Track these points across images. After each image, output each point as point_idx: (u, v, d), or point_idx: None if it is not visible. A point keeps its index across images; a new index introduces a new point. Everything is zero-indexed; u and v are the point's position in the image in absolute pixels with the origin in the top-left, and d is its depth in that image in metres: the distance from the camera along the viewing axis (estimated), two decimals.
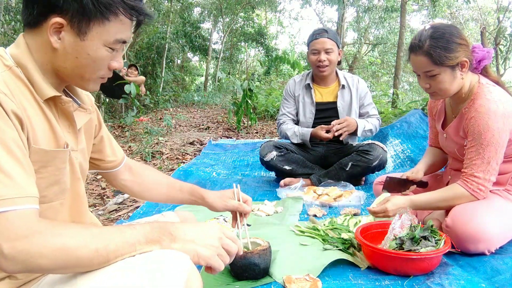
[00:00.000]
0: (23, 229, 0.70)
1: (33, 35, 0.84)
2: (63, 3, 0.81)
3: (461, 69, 1.56)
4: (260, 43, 17.25)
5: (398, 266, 1.37)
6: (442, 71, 1.55)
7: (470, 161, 1.58)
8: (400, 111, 4.99)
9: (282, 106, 2.96)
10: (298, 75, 3.02)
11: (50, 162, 0.85)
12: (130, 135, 5.11)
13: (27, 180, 0.74)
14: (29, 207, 0.72)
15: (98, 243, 0.74)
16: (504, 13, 9.33)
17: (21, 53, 0.83)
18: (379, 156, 2.62)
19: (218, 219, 1.92)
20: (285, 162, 2.73)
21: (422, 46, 1.55)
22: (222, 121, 7.05)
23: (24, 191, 0.72)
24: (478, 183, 1.56)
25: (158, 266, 0.73)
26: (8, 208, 0.69)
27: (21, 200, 0.71)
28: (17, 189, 0.71)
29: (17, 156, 0.74)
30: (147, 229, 0.80)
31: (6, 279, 0.81)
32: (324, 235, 1.68)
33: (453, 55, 1.53)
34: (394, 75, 7.67)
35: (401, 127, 3.57)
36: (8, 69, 0.80)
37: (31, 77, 0.83)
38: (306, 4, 15.62)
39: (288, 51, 17.30)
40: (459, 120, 1.68)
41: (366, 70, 14.02)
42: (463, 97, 1.66)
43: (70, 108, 0.91)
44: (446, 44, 1.52)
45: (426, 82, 1.61)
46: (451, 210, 1.59)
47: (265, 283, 1.36)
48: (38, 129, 0.82)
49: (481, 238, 1.48)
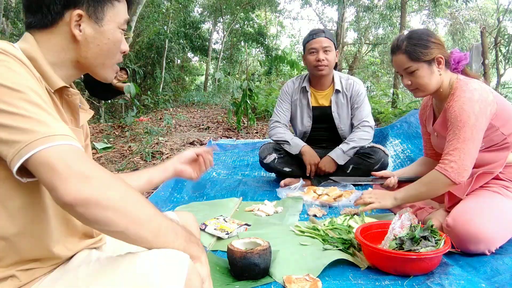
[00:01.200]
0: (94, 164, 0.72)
1: (46, 35, 0.87)
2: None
3: (437, 65, 1.69)
4: (260, 43, 17.26)
5: (398, 266, 1.37)
6: (419, 67, 1.68)
7: (447, 144, 1.63)
8: (400, 111, 4.99)
9: (277, 109, 2.89)
10: (296, 76, 2.97)
11: None
12: (130, 135, 5.11)
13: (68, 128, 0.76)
14: (80, 147, 0.73)
15: (156, 210, 0.78)
16: (504, 14, 9.34)
17: (30, 47, 0.85)
18: (380, 159, 2.61)
19: (218, 219, 1.92)
20: (285, 164, 2.72)
21: (400, 46, 1.71)
22: (222, 121, 7.05)
23: (71, 133, 0.73)
24: (451, 163, 1.57)
25: (159, 264, 0.74)
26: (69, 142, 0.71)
27: (71, 138, 0.72)
28: (67, 130, 0.73)
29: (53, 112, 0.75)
30: (187, 231, 0.84)
31: (8, 279, 0.81)
32: (324, 235, 1.68)
33: (427, 51, 1.67)
34: (394, 75, 7.67)
35: (401, 127, 3.56)
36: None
37: (42, 68, 0.84)
38: (306, 4, 15.63)
39: (287, 51, 17.31)
40: (444, 115, 1.74)
41: (366, 70, 14.04)
42: (444, 94, 1.74)
43: (76, 101, 0.92)
44: (421, 41, 1.68)
45: (407, 79, 1.74)
46: (452, 210, 1.59)
47: (265, 283, 1.36)
48: None
49: (482, 238, 1.48)
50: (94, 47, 0.89)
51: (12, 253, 0.80)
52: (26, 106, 0.70)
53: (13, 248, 0.79)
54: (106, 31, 0.89)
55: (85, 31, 0.87)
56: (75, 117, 0.94)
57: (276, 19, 21.16)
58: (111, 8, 0.90)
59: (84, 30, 0.87)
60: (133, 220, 0.73)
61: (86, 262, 0.82)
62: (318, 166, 2.65)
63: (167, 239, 0.77)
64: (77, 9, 0.85)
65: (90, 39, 0.88)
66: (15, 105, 0.70)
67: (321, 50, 2.63)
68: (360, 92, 2.76)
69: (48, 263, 0.86)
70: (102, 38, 0.89)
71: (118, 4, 0.91)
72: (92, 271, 0.77)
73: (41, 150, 0.68)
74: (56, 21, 0.86)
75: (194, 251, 0.82)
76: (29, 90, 0.72)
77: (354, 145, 2.64)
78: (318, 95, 2.80)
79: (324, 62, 2.63)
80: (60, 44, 0.87)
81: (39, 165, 0.68)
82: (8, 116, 0.69)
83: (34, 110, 0.71)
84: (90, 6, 0.86)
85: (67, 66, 0.90)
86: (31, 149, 0.67)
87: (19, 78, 0.73)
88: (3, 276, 0.79)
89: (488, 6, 14.82)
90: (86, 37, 0.88)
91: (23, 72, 0.75)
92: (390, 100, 7.43)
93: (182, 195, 2.56)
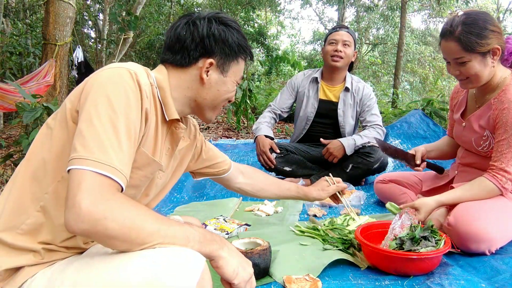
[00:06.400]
0: (107, 194, 0.77)
1: (179, 72, 1.05)
2: (216, 48, 1.04)
3: (492, 57, 1.52)
4: (261, 43, 17.25)
5: (398, 266, 1.37)
6: (472, 58, 1.51)
7: (500, 154, 1.53)
8: (400, 111, 4.98)
9: (278, 96, 2.97)
10: (308, 69, 3.01)
11: (144, 168, 0.98)
12: None
13: (129, 162, 0.84)
14: (119, 181, 0.80)
15: (161, 225, 0.81)
16: (504, 13, 9.34)
17: (163, 79, 1.02)
18: (380, 158, 2.61)
19: (218, 219, 1.92)
20: (285, 163, 2.72)
21: (454, 32, 1.51)
22: (222, 121, 7.05)
23: (124, 168, 0.82)
24: (507, 178, 1.52)
25: (173, 263, 0.75)
26: (106, 173, 0.78)
27: (118, 173, 0.80)
28: (121, 163, 0.81)
29: (132, 141, 0.86)
30: (202, 231, 0.87)
31: (31, 253, 0.87)
32: (324, 235, 1.68)
33: (484, 42, 1.49)
34: (394, 75, 7.67)
35: (401, 127, 3.56)
36: (150, 85, 0.96)
37: (166, 99, 1.01)
38: (306, 4, 15.62)
39: (288, 51, 17.29)
40: (485, 110, 1.63)
41: (366, 70, 14.02)
42: (491, 87, 1.61)
43: (180, 134, 1.09)
44: (479, 30, 1.49)
45: (456, 69, 1.57)
46: (454, 209, 1.57)
47: (265, 283, 1.36)
48: (149, 138, 0.97)
49: (484, 238, 1.47)
50: (214, 91, 1.07)
51: (48, 232, 0.88)
52: (106, 125, 0.81)
53: (51, 228, 0.87)
54: (227, 81, 1.08)
55: (211, 77, 1.05)
56: (173, 147, 1.10)
57: (276, 19, 21.15)
58: (235, 64, 1.09)
59: (211, 76, 1.05)
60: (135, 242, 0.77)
61: (101, 253, 0.85)
62: (327, 147, 2.64)
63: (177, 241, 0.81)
64: (211, 58, 1.04)
65: (214, 84, 1.06)
66: (100, 119, 0.81)
67: (341, 42, 2.68)
68: (371, 96, 2.80)
69: (72, 251, 0.93)
70: (223, 86, 1.08)
71: (242, 62, 1.11)
72: (105, 261, 0.80)
73: (77, 168, 0.77)
74: (191, 64, 1.04)
75: (212, 250, 0.84)
76: (121, 114, 0.83)
77: (366, 140, 2.66)
78: (328, 89, 2.83)
79: (340, 53, 2.67)
80: (188, 83, 1.05)
81: (69, 181, 0.77)
82: (88, 124, 0.80)
83: (109, 131, 0.81)
84: (221, 59, 1.05)
85: (184, 102, 1.07)
86: (77, 164, 0.77)
87: (124, 101, 0.85)
88: (30, 248, 0.86)
89: (488, 6, 14.81)
90: (211, 82, 1.06)
91: (134, 98, 0.87)
92: (390, 100, 7.42)
93: (182, 195, 2.56)
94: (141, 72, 0.93)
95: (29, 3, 8.13)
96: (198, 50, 1.03)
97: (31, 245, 0.86)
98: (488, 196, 1.56)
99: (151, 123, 0.95)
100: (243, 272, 0.87)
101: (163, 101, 1.00)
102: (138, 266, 0.75)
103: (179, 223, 0.85)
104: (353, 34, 2.75)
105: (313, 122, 2.83)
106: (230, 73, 1.08)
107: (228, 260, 0.85)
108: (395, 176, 2.19)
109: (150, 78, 0.97)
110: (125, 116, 0.84)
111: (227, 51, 1.05)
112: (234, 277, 0.85)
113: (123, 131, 0.83)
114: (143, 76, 0.93)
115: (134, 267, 0.75)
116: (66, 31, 4.24)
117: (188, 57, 1.04)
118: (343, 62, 2.70)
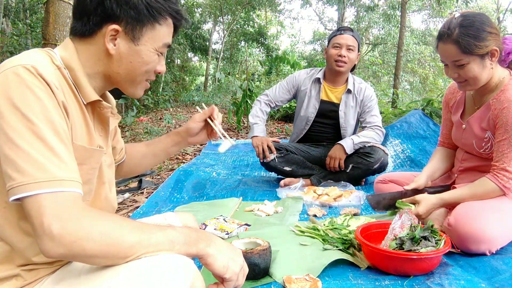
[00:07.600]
0: (74, 211, 0.72)
1: (85, 44, 0.90)
2: (120, 11, 0.87)
3: (490, 58, 1.52)
4: (261, 43, 17.25)
5: (398, 266, 1.37)
6: (471, 60, 1.50)
7: (501, 154, 1.53)
8: (400, 111, 4.98)
9: (276, 88, 2.94)
10: (309, 68, 2.99)
11: (86, 160, 0.88)
12: (130, 135, 5.11)
13: (74, 165, 0.78)
14: (75, 191, 0.75)
15: (142, 234, 0.76)
16: (504, 13, 9.34)
17: (69, 56, 0.88)
18: (380, 158, 2.61)
19: (218, 219, 1.92)
20: (285, 163, 2.72)
21: (451, 34, 1.50)
22: (222, 121, 7.04)
23: (72, 175, 0.75)
24: (509, 178, 1.52)
25: (164, 269, 0.74)
26: (57, 189, 0.72)
27: (69, 183, 0.74)
28: (66, 171, 0.74)
29: (65, 143, 0.77)
30: (186, 232, 0.83)
31: (13, 279, 0.82)
32: (324, 235, 1.68)
33: (483, 44, 1.48)
34: (394, 75, 7.67)
35: (401, 127, 3.57)
36: (57, 69, 0.84)
37: (78, 80, 0.87)
38: (306, 4, 15.63)
39: (288, 51, 17.30)
40: (485, 111, 1.63)
41: (366, 70, 14.02)
42: (489, 88, 1.61)
43: (107, 114, 0.96)
44: (477, 32, 1.48)
45: (454, 71, 1.56)
46: (454, 209, 1.57)
47: (265, 283, 1.36)
48: (78, 128, 0.86)
49: (484, 239, 1.47)
50: (127, 63, 0.91)
51: (20, 255, 0.82)
52: (31, 140, 0.72)
53: (19, 252, 0.82)
54: (141, 50, 0.91)
55: (119, 47, 0.89)
56: (105, 128, 0.98)
57: (276, 19, 21.16)
58: (150, 29, 0.91)
59: (119, 46, 0.89)
60: (117, 256, 0.74)
61: (87, 270, 0.82)
62: (328, 155, 2.66)
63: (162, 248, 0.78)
64: (115, 24, 0.87)
65: (124, 55, 0.90)
66: (22, 136, 0.72)
67: (345, 47, 2.66)
68: (372, 98, 2.81)
69: (54, 264, 0.88)
70: (136, 56, 0.91)
71: (159, 27, 0.92)
72: (94, 273, 0.78)
73: (27, 196, 0.71)
74: (95, 32, 0.88)
75: (199, 249, 0.82)
76: (41, 121, 0.74)
77: (365, 140, 2.66)
78: (330, 90, 2.83)
79: (344, 59, 2.66)
80: (96, 55, 0.90)
81: (26, 210, 0.72)
82: (11, 147, 0.72)
83: (38, 146, 0.73)
84: (128, 24, 0.88)
85: (100, 78, 0.93)
86: (20, 192, 0.71)
87: (37, 105, 0.74)
88: (9, 275, 0.82)
89: (488, 6, 14.81)
90: (120, 52, 0.90)
91: (45, 97, 0.76)
92: (390, 100, 7.42)
93: (182, 195, 2.56)
94: (41, 60, 0.80)
95: (29, 3, 8.13)
96: (98, 14, 0.87)
97: (10, 271, 0.82)
98: (489, 196, 1.56)
99: (73, 112, 0.84)
100: (234, 264, 0.85)
101: (76, 83, 0.87)
102: (126, 281, 0.73)
103: (160, 227, 0.81)
104: (358, 37, 2.74)
105: (314, 122, 2.83)
106: (143, 41, 0.90)
107: (216, 256, 0.83)
108: (395, 176, 2.19)
109: (56, 61, 0.84)
110: (45, 120, 0.75)
111: (133, 15, 0.88)
112: (225, 272, 0.83)
113: (51, 138, 0.74)
114: (45, 65, 0.80)
115: (122, 283, 0.73)
116: (66, 31, 4.24)
117: (89, 23, 0.87)
118: (347, 67, 2.70)
